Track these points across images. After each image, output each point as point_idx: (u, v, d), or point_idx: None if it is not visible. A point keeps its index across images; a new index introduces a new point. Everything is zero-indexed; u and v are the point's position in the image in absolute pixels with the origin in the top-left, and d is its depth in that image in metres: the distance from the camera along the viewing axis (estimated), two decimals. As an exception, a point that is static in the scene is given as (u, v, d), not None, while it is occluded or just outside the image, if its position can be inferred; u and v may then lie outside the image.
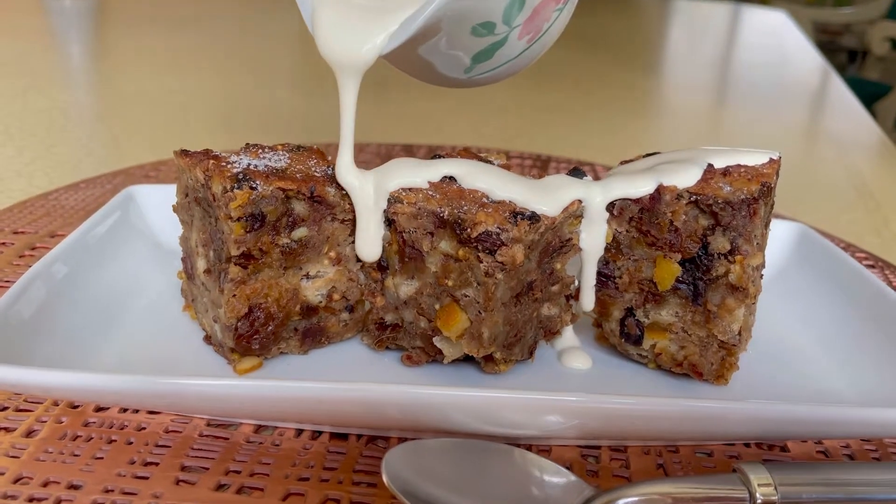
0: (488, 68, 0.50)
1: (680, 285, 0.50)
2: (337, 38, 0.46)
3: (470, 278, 0.46)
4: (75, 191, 0.81)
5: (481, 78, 0.52)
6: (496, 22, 0.46)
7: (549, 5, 0.48)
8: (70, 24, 1.99)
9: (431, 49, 0.48)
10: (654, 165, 0.51)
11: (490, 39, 0.47)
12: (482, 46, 0.48)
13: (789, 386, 0.52)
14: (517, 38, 0.48)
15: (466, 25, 0.46)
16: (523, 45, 0.49)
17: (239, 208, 0.45)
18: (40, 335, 0.48)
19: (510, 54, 0.49)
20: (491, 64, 0.50)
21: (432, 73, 0.51)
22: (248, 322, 0.48)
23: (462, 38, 0.47)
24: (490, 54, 0.49)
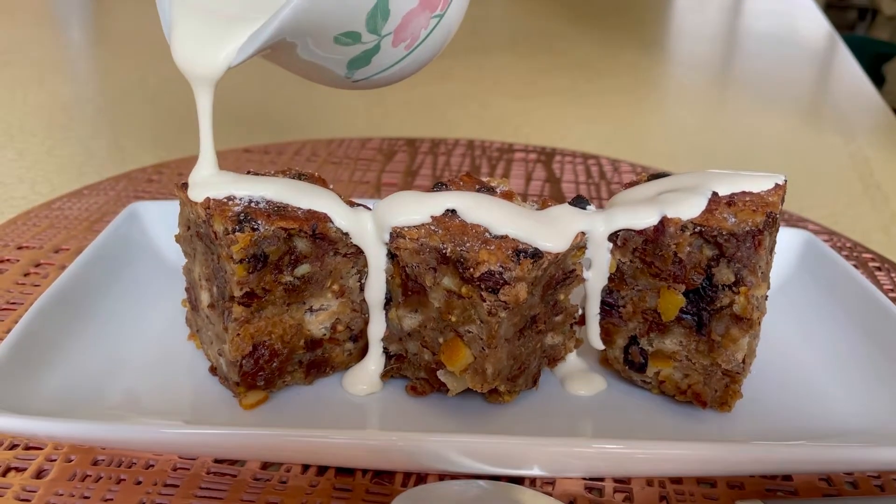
0: (370, 73, 0.50)
1: (684, 315, 0.50)
2: (188, 49, 0.46)
3: (473, 315, 0.46)
4: (78, 198, 0.81)
5: (368, 81, 0.51)
6: (360, 31, 0.45)
7: (421, 13, 0.47)
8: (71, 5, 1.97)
9: (306, 54, 0.47)
10: (658, 194, 0.51)
11: (360, 48, 0.47)
12: (354, 54, 0.47)
13: (794, 411, 0.52)
14: (391, 45, 0.47)
15: (328, 35, 0.45)
16: (402, 52, 0.49)
17: (241, 250, 0.45)
18: (45, 371, 0.49)
19: (390, 60, 0.49)
20: (371, 69, 0.49)
21: (317, 75, 0.51)
22: (253, 360, 0.48)
23: (328, 47, 0.46)
24: (366, 61, 0.48)
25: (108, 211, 0.78)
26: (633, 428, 0.50)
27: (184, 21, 0.47)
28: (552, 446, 0.43)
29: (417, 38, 0.48)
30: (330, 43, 0.46)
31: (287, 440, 0.42)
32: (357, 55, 0.47)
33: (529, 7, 2.24)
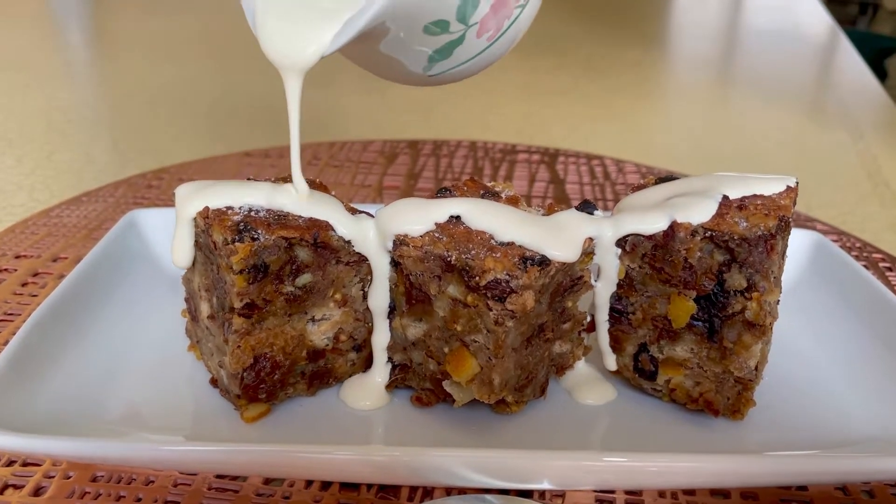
0: (448, 67, 0.49)
1: (695, 322, 0.48)
2: (279, 39, 0.45)
3: (479, 325, 0.45)
4: (77, 205, 0.80)
5: (443, 76, 0.50)
6: (450, 20, 0.45)
7: (508, 2, 0.46)
8: (69, 9, 1.96)
9: (387, 47, 0.47)
10: (667, 198, 0.49)
11: (446, 38, 0.46)
12: (438, 45, 0.46)
13: (807, 418, 0.51)
14: (475, 36, 0.46)
15: (418, 24, 0.44)
16: (484, 44, 0.48)
17: (241, 261, 0.44)
18: (43, 384, 0.48)
19: (470, 53, 0.48)
20: (451, 62, 0.48)
21: (392, 71, 0.50)
22: (254, 372, 0.47)
23: (415, 37, 0.45)
24: (448, 53, 0.47)
25: (106, 218, 0.77)
26: (643, 438, 0.49)
27: (270, 12, 0.46)
28: (561, 460, 0.42)
29: (500, 28, 0.47)
30: (419, 32, 0.45)
31: (289, 456, 0.41)
32: (441, 46, 0.47)
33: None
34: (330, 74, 1.43)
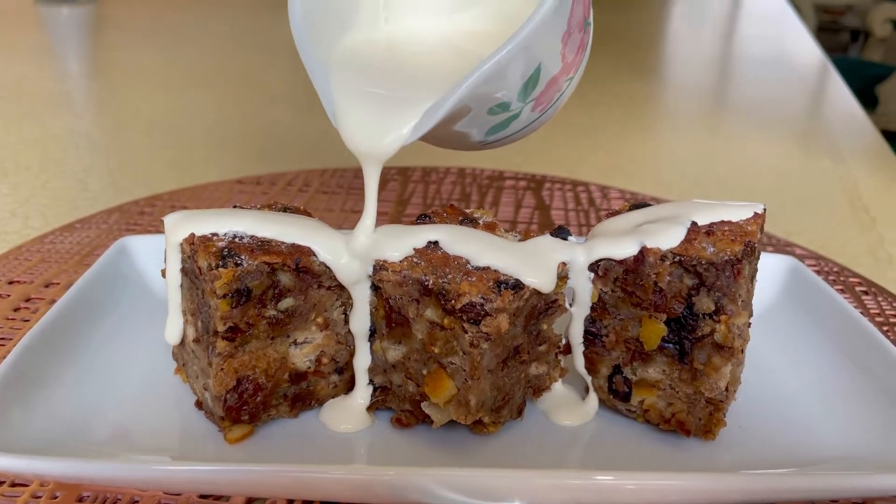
0: (502, 136, 0.51)
1: (666, 344, 0.50)
2: (362, 132, 0.48)
3: (456, 347, 0.47)
4: (70, 232, 0.82)
5: (493, 143, 0.53)
6: (511, 101, 0.47)
7: (560, 77, 0.49)
8: (67, 39, 1.99)
9: (450, 127, 0.49)
10: (639, 224, 0.51)
11: (505, 115, 0.48)
12: (498, 121, 0.49)
13: (779, 438, 0.52)
14: (530, 110, 0.49)
15: (484, 108, 0.47)
16: (536, 115, 0.50)
17: (224, 286, 0.45)
18: (32, 406, 0.49)
19: (523, 124, 0.50)
20: (505, 133, 0.51)
21: (448, 143, 0.53)
22: (237, 394, 0.48)
23: (479, 118, 0.48)
24: (505, 126, 0.50)
25: (99, 244, 0.78)
26: (618, 458, 0.50)
27: (350, 105, 0.49)
28: (536, 478, 0.43)
29: (552, 100, 0.50)
30: (483, 114, 0.47)
31: (272, 475, 0.42)
32: (499, 122, 0.49)
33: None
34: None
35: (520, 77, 0.46)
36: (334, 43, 0.51)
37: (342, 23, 0.52)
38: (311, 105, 1.45)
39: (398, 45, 0.54)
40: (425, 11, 0.56)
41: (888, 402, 0.53)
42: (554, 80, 0.48)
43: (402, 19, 0.55)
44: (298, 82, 1.69)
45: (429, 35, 0.55)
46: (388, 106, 0.48)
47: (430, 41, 0.55)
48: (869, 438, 0.51)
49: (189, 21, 2.27)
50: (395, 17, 0.55)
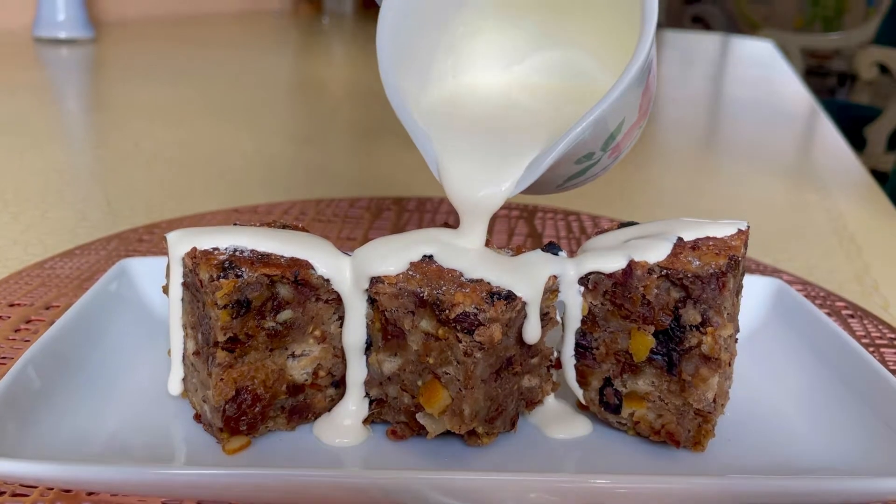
0: (578, 181, 0.54)
1: (655, 356, 0.51)
2: (465, 185, 0.51)
3: (450, 357, 0.48)
4: (70, 258, 0.83)
5: (567, 188, 0.55)
6: (595, 151, 0.50)
7: (635, 126, 0.52)
8: (67, 77, 2.02)
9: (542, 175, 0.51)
10: (627, 240, 0.53)
11: (587, 163, 0.51)
12: (579, 169, 0.52)
13: (767, 451, 0.53)
14: (607, 157, 0.52)
15: (573, 159, 0.49)
16: (610, 161, 0.53)
17: (225, 296, 0.47)
18: (32, 420, 0.50)
19: (599, 169, 0.53)
20: (581, 179, 0.54)
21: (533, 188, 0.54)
22: (236, 405, 0.49)
23: (565, 168, 0.50)
24: (583, 173, 0.53)
25: (98, 269, 0.80)
26: (610, 467, 0.51)
27: (453, 160, 0.51)
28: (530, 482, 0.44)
29: (625, 147, 0.53)
30: (570, 164, 0.50)
31: (269, 479, 0.43)
32: (581, 169, 0.52)
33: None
34: (319, 135, 1.49)
35: (608, 130, 0.48)
36: (415, 99, 0.53)
37: (421, 79, 0.55)
38: (307, 138, 1.47)
39: (474, 99, 0.57)
40: (489, 65, 0.59)
41: (873, 417, 0.54)
42: (630, 129, 0.51)
43: (466, 74, 0.58)
44: (294, 116, 1.72)
45: (496, 88, 0.58)
46: (490, 162, 0.50)
47: (501, 95, 0.58)
48: (854, 451, 0.52)
49: (186, 58, 2.31)
50: (462, 72, 0.58)
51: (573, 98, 0.56)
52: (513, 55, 0.59)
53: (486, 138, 0.53)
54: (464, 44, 0.57)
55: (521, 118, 0.55)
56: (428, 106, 0.54)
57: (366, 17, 3.79)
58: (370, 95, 2.01)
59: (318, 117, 1.70)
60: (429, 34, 0.55)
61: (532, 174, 0.48)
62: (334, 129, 1.59)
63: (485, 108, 0.56)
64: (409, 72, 0.53)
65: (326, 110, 1.78)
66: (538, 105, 0.56)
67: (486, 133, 0.54)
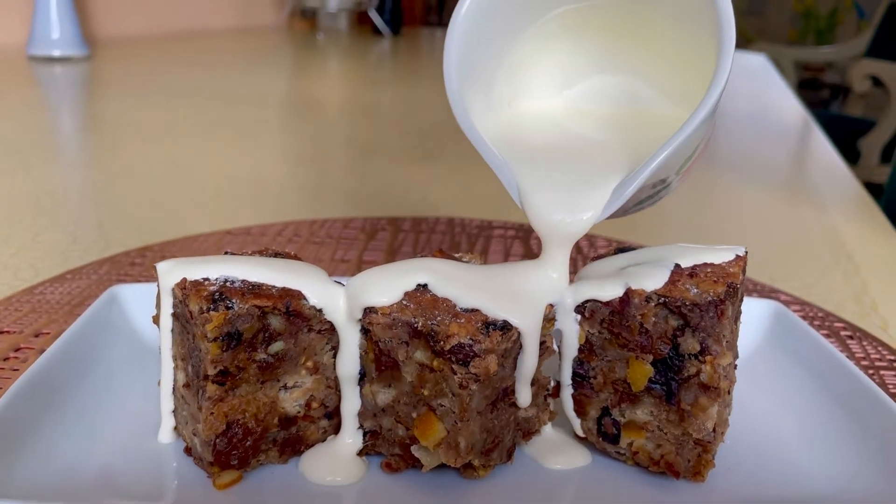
0: (646, 205, 0.54)
1: (653, 385, 0.50)
2: (551, 213, 0.50)
3: (445, 388, 0.47)
4: (61, 283, 0.82)
5: (635, 211, 0.55)
6: (669, 176, 0.50)
7: (704, 150, 0.52)
8: (61, 96, 2.02)
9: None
10: (624, 267, 0.52)
11: (661, 187, 0.51)
12: (653, 192, 0.51)
13: (768, 480, 0.52)
14: (678, 181, 0.52)
15: (650, 183, 0.49)
16: (678, 185, 0.53)
17: (215, 329, 0.46)
18: (20, 455, 0.49)
19: (666, 193, 0.53)
20: (651, 202, 0.54)
21: None
22: (227, 439, 0.48)
23: (643, 193, 0.50)
24: (655, 196, 0.53)
25: (90, 294, 0.79)
26: (609, 500, 0.50)
27: (536, 187, 0.51)
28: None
29: (693, 170, 0.53)
30: (648, 189, 0.50)
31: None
32: (653, 193, 0.51)
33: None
34: (313, 153, 1.48)
35: (686, 155, 0.48)
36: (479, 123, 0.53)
37: (482, 103, 0.54)
38: (301, 156, 1.47)
39: (533, 125, 0.57)
40: (543, 91, 0.59)
41: (875, 443, 0.53)
42: (699, 152, 0.51)
43: (522, 99, 0.58)
44: (288, 134, 1.71)
45: (551, 114, 0.58)
46: (576, 185, 0.50)
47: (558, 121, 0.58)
48: (856, 479, 0.51)
49: (180, 75, 2.30)
50: (518, 97, 0.58)
51: (633, 125, 0.55)
52: (568, 79, 0.59)
53: (561, 165, 0.52)
54: (523, 68, 0.57)
55: (589, 145, 0.55)
56: (491, 131, 0.54)
57: (361, 33, 3.80)
58: (364, 113, 2.00)
59: (312, 135, 1.69)
60: (491, 57, 0.55)
61: (618, 200, 0.48)
62: (328, 148, 1.58)
63: (546, 135, 0.56)
64: (471, 95, 0.53)
65: (320, 128, 1.78)
66: (602, 132, 0.56)
67: (558, 160, 0.53)
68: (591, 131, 0.56)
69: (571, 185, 0.51)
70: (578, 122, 0.57)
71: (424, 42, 3.79)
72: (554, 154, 0.54)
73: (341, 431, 0.53)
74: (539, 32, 0.56)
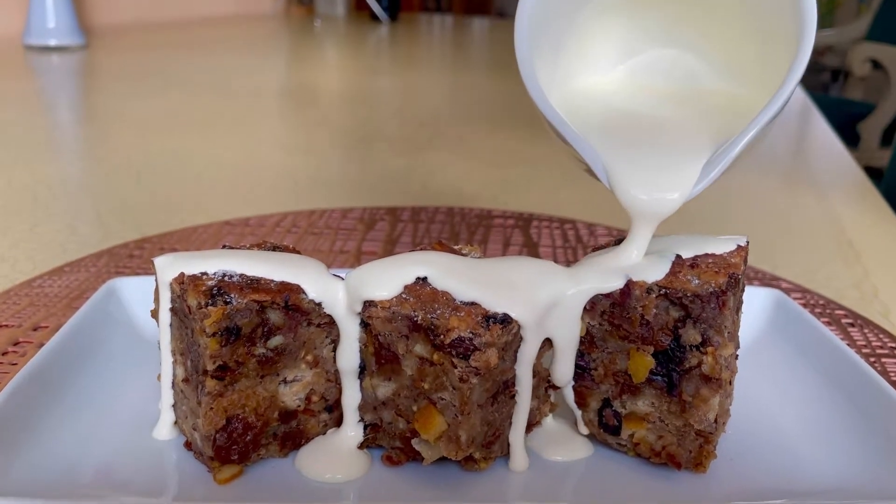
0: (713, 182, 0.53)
1: (654, 377, 0.50)
2: (641, 190, 0.50)
3: (445, 382, 0.47)
4: (59, 276, 0.81)
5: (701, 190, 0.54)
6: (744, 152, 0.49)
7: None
8: (57, 85, 2.01)
9: None
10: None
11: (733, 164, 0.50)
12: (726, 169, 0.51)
13: (769, 470, 0.52)
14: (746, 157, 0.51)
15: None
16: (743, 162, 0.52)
17: (214, 324, 0.46)
18: (20, 450, 0.48)
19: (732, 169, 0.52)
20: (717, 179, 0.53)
21: None
22: (227, 433, 0.48)
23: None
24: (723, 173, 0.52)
25: (88, 287, 0.78)
26: (610, 493, 0.50)
27: (627, 167, 0.50)
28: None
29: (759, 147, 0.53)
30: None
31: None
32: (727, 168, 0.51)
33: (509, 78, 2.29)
34: (311, 142, 1.47)
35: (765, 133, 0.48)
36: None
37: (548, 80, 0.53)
38: (298, 145, 1.46)
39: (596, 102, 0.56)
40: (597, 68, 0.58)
41: (876, 433, 0.53)
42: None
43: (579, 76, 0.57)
44: (286, 123, 1.71)
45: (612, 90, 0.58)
46: (664, 162, 0.50)
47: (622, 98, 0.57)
48: (858, 469, 0.51)
49: (177, 64, 2.29)
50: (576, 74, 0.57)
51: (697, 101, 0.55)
52: (621, 54, 0.58)
53: (640, 143, 0.52)
54: (581, 42, 0.56)
55: (662, 122, 0.54)
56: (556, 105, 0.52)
57: (358, 19, 3.78)
58: (362, 101, 1.99)
59: (310, 124, 1.68)
60: (557, 29, 0.54)
61: (708, 178, 0.48)
62: (326, 137, 1.58)
63: (613, 111, 0.55)
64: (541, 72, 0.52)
65: (318, 116, 1.77)
66: (668, 109, 0.55)
67: (636, 137, 0.53)
68: (657, 108, 0.56)
69: (658, 164, 0.50)
70: (641, 98, 0.57)
71: (422, 28, 3.77)
72: (629, 131, 0.53)
73: (343, 424, 0.52)
74: (599, 5, 0.55)
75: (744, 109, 0.50)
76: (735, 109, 0.49)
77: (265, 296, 0.48)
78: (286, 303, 0.48)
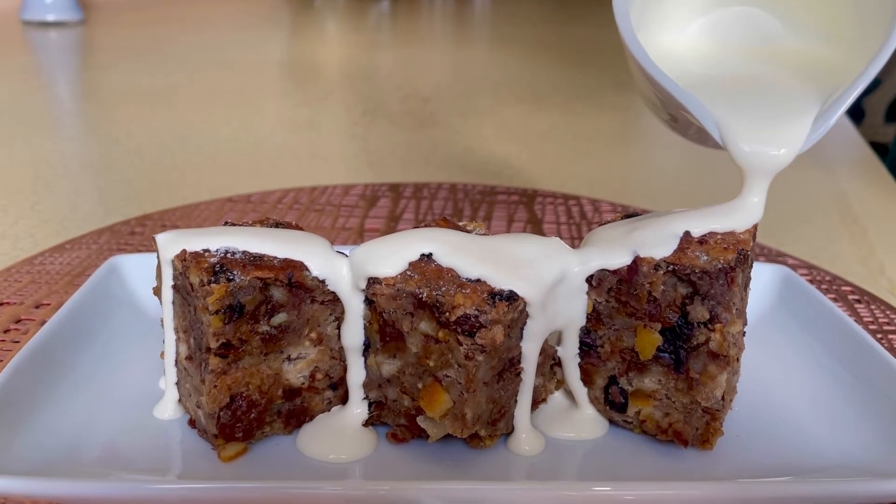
0: None
1: (661, 354, 0.50)
2: (755, 145, 0.50)
3: (451, 360, 0.46)
4: (60, 253, 0.81)
5: None
6: None
7: None
8: (56, 61, 1.99)
9: None
10: (631, 233, 0.51)
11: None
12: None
13: (776, 447, 0.51)
14: None
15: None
16: None
17: (217, 301, 0.45)
18: (23, 428, 0.48)
19: None
20: None
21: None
22: (231, 411, 0.48)
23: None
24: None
25: (89, 265, 0.78)
26: (616, 469, 0.50)
27: (740, 122, 0.50)
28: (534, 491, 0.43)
29: None
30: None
31: (265, 493, 0.41)
32: None
33: (511, 52, 2.27)
34: (312, 119, 1.46)
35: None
36: None
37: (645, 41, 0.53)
38: (300, 122, 1.45)
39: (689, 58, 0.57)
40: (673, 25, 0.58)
41: (883, 410, 0.52)
42: None
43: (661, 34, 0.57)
44: (287, 99, 1.69)
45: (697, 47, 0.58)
46: (775, 115, 0.50)
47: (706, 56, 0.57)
48: (865, 446, 0.50)
49: (176, 39, 2.27)
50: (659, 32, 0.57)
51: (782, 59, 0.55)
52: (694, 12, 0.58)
53: (746, 100, 0.52)
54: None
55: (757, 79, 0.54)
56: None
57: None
58: (363, 77, 1.98)
59: (311, 100, 1.67)
60: None
61: (819, 131, 0.49)
62: (328, 112, 1.57)
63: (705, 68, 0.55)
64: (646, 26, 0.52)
65: (320, 92, 1.76)
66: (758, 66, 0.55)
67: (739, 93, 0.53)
68: (747, 66, 0.56)
69: (768, 120, 0.50)
70: (726, 56, 0.57)
71: (424, 3, 3.74)
72: (730, 88, 0.53)
73: (348, 402, 0.52)
74: None
75: (831, 68, 0.51)
76: (823, 68, 0.50)
77: (268, 273, 0.47)
78: (289, 280, 0.48)
